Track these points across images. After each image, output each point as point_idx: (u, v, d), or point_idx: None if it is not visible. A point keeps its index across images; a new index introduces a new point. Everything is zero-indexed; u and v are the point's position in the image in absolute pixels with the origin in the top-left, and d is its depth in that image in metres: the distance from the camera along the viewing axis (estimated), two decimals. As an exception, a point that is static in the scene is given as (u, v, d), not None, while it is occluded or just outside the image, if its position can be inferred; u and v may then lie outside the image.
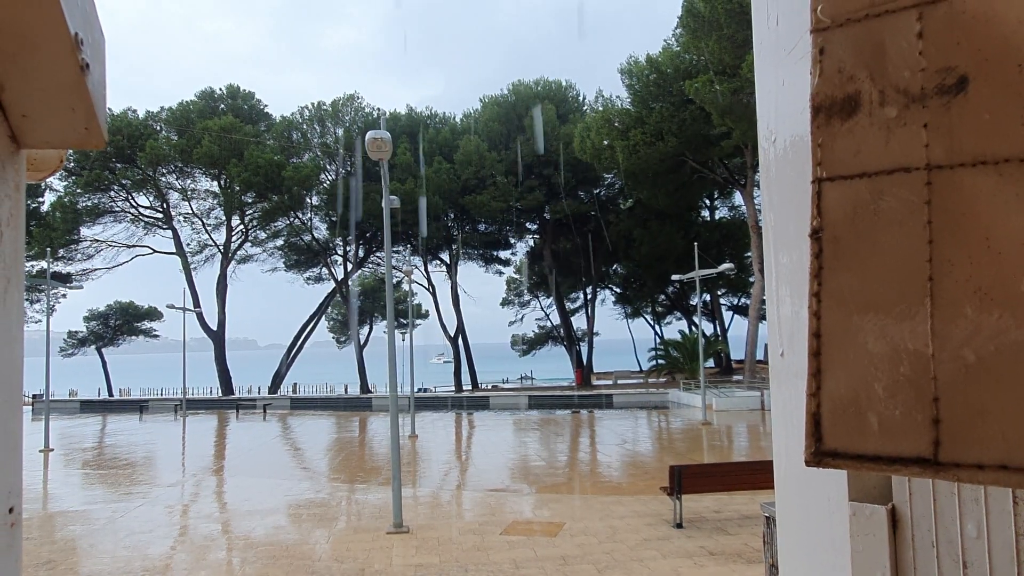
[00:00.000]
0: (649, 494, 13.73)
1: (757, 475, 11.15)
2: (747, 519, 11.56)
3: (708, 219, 51.92)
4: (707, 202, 51.64)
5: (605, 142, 38.01)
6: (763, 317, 53.50)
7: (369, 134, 10.29)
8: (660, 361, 41.51)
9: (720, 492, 12.76)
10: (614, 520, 11.81)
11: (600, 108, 43.01)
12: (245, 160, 41.42)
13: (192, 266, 46.85)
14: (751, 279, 45.10)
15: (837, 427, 0.59)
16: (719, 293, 54.82)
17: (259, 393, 45.70)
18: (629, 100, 39.83)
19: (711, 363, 49.93)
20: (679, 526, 11.10)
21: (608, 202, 49.33)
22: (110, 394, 49.72)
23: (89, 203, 44.34)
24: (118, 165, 44.20)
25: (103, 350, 51.73)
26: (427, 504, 14.04)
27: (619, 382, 47.28)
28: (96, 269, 46.95)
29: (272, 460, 21.21)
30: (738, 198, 47.42)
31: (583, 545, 10.34)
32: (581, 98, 48.96)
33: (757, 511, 11.93)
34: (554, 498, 14.06)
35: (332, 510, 13.70)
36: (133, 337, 54.29)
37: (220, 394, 45.28)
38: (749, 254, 42.18)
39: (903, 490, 0.64)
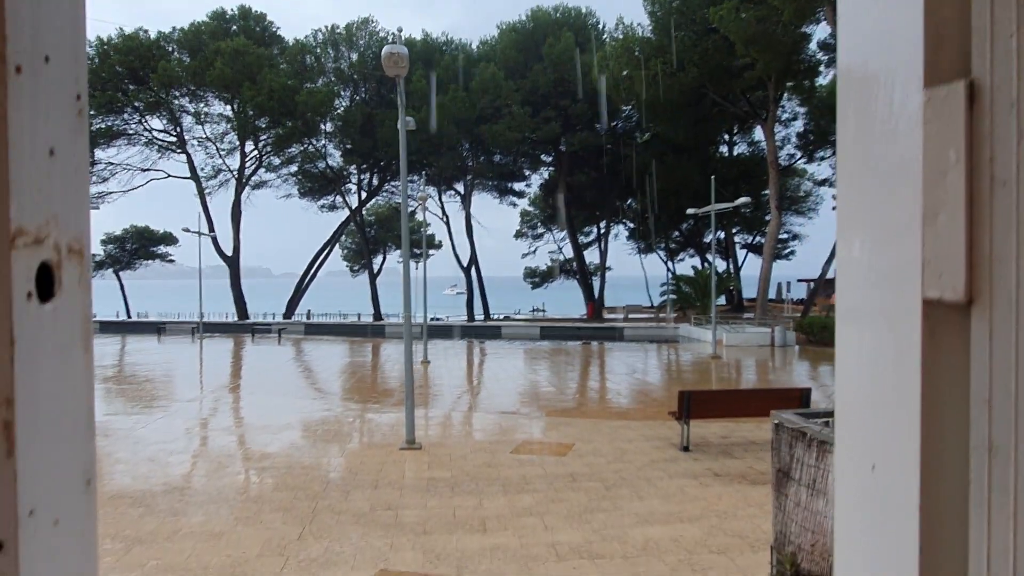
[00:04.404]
0: (657, 420, 13.97)
1: (765, 403, 11.29)
2: (753, 444, 11.77)
3: (726, 155, 51.09)
4: (726, 137, 50.71)
5: (624, 72, 37.12)
6: (778, 256, 53.28)
7: (385, 49, 10.08)
8: (672, 296, 41.53)
9: (727, 419, 12.97)
10: (622, 443, 12.05)
11: (620, 37, 41.82)
12: (258, 84, 40.86)
13: (207, 191, 46.88)
14: (767, 217, 44.67)
15: None
16: (734, 231, 54.44)
17: (274, 319, 46.29)
18: (651, 28, 38.69)
19: (722, 300, 50.00)
20: (686, 449, 11.32)
21: (625, 135, 48.51)
22: (128, 316, 50.52)
23: (103, 125, 44.11)
24: (131, 87, 43.77)
25: (120, 273, 52.38)
26: (439, 424, 14.37)
27: (630, 316, 47.48)
28: (111, 192, 47.11)
29: (287, 380, 21.65)
30: (758, 133, 46.52)
31: (591, 464, 10.59)
32: (601, 26, 47.62)
33: (763, 437, 12.14)
34: (564, 421, 14.33)
35: (346, 427, 14.05)
36: (149, 261, 54.91)
37: (236, 319, 45.93)
38: (767, 192, 41.59)
39: (983, 61, 0.61)
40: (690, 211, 31.25)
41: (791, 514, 4.13)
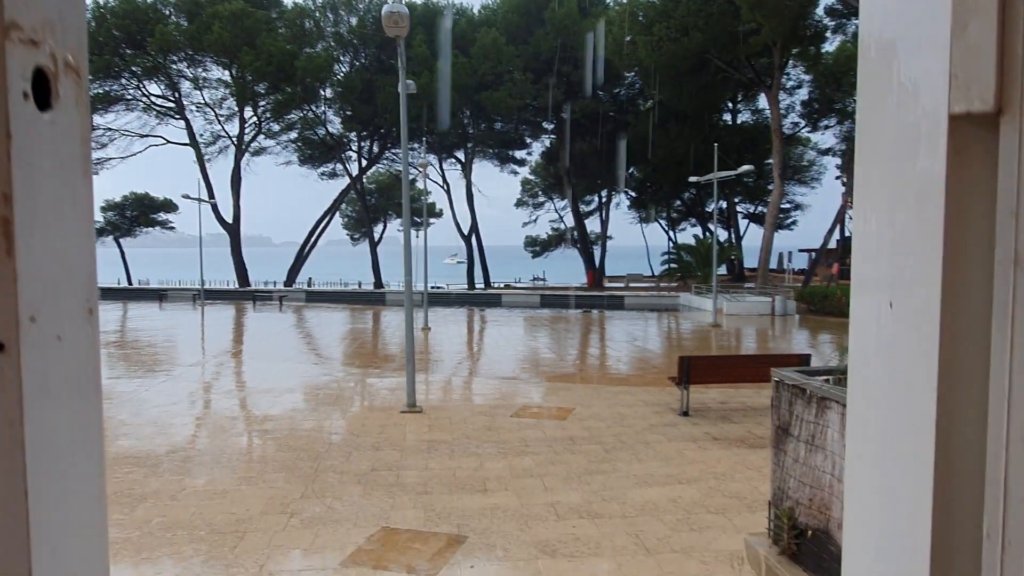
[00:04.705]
0: (657, 386, 14.05)
1: (764, 368, 11.32)
2: (752, 410, 11.85)
3: (730, 123, 50.64)
4: (730, 104, 50.23)
5: (628, 37, 36.64)
6: (779, 226, 53.14)
7: (385, 8, 9.91)
8: (672, 265, 41.50)
9: (726, 384, 13.04)
10: (622, 408, 12.13)
11: (624, 1, 41.22)
12: (257, 48, 40.37)
13: (206, 157, 46.60)
14: (769, 186, 44.40)
15: None
16: (736, 200, 54.20)
17: (275, 287, 46.34)
18: (655, -8, 38.11)
19: (723, 270, 49.97)
20: (685, 414, 11.40)
21: (627, 102, 48.08)
22: (129, 283, 50.56)
23: (100, 90, 43.69)
24: (128, 51, 43.25)
25: (120, 241, 52.30)
26: (439, 389, 14.45)
27: (631, 285, 47.50)
28: (110, 158, 46.87)
29: (289, 346, 21.74)
30: (762, 101, 46.08)
31: (591, 428, 10.67)
32: (605, -11, 46.90)
33: (762, 403, 12.22)
34: (564, 387, 14.41)
35: (347, 391, 14.14)
36: (149, 229, 54.75)
37: (236, 287, 45.98)
38: (770, 161, 41.31)
39: None
40: (692, 179, 31.08)
41: (789, 470, 4.16)
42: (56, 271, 0.52)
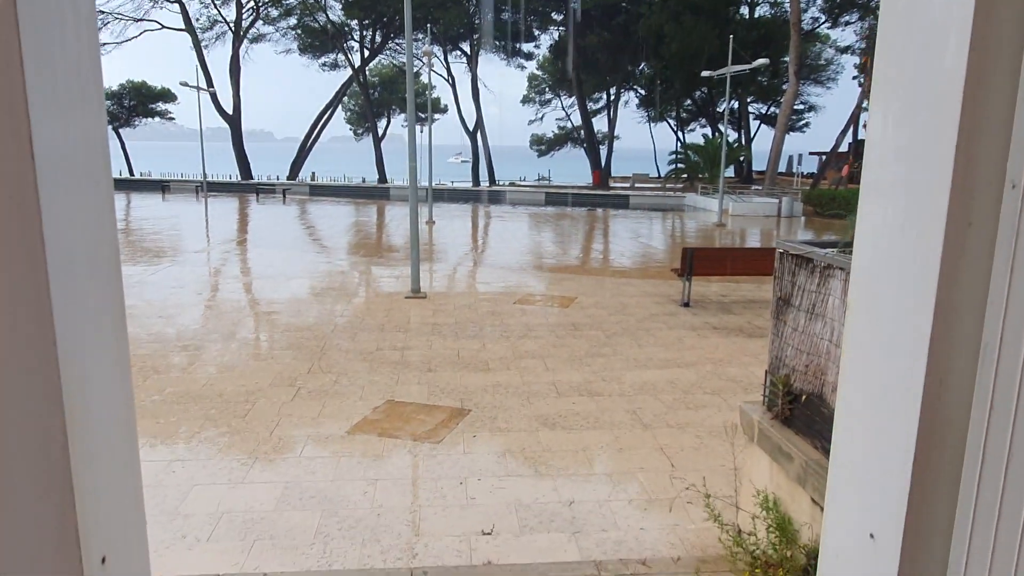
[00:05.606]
0: (659, 279, 14.13)
1: (767, 261, 11.34)
2: (752, 303, 11.96)
3: (746, 16, 48.56)
4: (748, -4, 48.01)
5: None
6: (791, 128, 51.91)
7: None
8: (679, 165, 40.85)
9: (729, 276, 13.12)
10: (624, 297, 12.25)
11: None
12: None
13: (203, 44, 45.07)
14: (784, 85, 43.04)
15: None
16: (748, 100, 52.74)
17: (278, 180, 45.90)
18: None
19: (731, 172, 49.26)
20: (686, 305, 11.52)
21: (641, -8, 45.94)
22: (131, 174, 50.12)
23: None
24: (117, -73, 41.03)
25: (120, 131, 51.44)
26: (444, 277, 14.56)
27: (636, 185, 47.00)
28: (105, 44, 45.27)
29: (294, 236, 21.77)
30: (782, -7, 44.04)
31: (593, 316, 10.81)
32: None
33: (763, 296, 12.32)
34: (567, 277, 14.51)
35: (352, 278, 14.27)
36: (149, 119, 53.73)
37: (239, 179, 45.55)
38: (786, 58, 39.87)
39: None
40: (705, 73, 30.11)
41: (788, 339, 4.23)
42: (70, 146, 0.55)
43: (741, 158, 47.84)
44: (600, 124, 54.64)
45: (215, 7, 45.31)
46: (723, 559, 4.08)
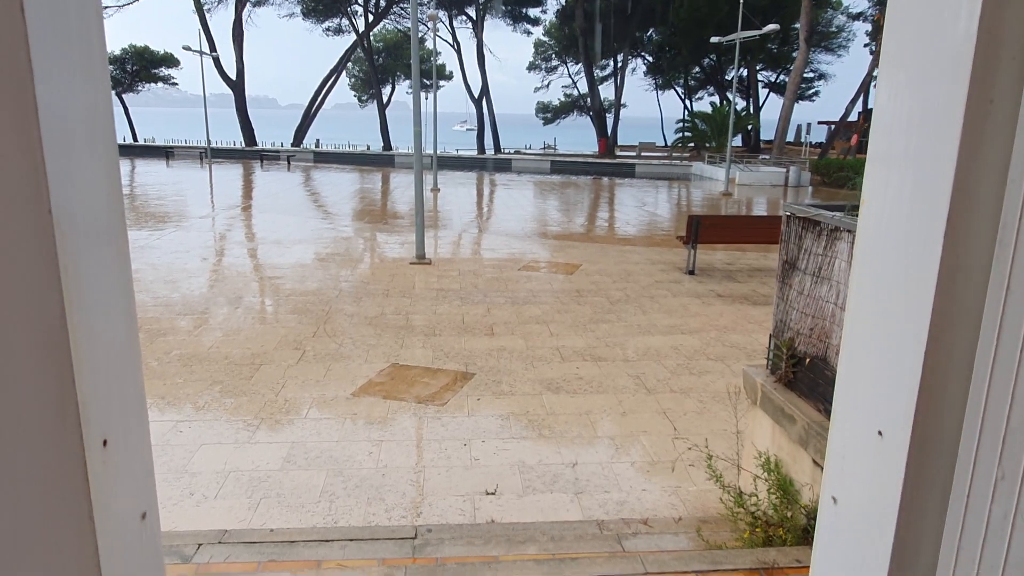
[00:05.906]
0: (664, 247, 14.10)
1: (773, 229, 11.30)
2: (757, 271, 11.93)
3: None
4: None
5: None
6: (801, 96, 51.28)
7: None
8: (686, 134, 40.47)
9: (734, 244, 13.07)
10: (629, 265, 12.23)
11: None
12: None
13: (205, 6, 44.51)
14: (794, 53, 42.40)
15: None
16: (757, 68, 52.01)
17: (282, 147, 45.67)
18: None
19: (739, 141, 48.81)
20: (691, 273, 11.50)
21: (650, -44, 45.07)
22: (135, 140, 49.90)
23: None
24: None
25: (123, 97, 51.10)
26: (448, 244, 14.54)
27: (643, 154, 46.62)
28: (107, 7, 44.78)
29: (298, 203, 21.72)
30: (794, -42, 43.11)
31: (598, 283, 10.81)
32: None
33: (767, 265, 12.29)
34: (572, 245, 14.48)
35: (357, 244, 14.26)
36: (152, 84, 53.33)
37: (243, 146, 45.32)
38: (797, 24, 39.21)
39: None
40: (714, 39, 29.67)
41: (793, 303, 4.22)
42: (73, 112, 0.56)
43: (749, 127, 47.31)
44: (607, 92, 54.07)
45: (217, -31, 44.63)
46: (724, 519, 4.12)
